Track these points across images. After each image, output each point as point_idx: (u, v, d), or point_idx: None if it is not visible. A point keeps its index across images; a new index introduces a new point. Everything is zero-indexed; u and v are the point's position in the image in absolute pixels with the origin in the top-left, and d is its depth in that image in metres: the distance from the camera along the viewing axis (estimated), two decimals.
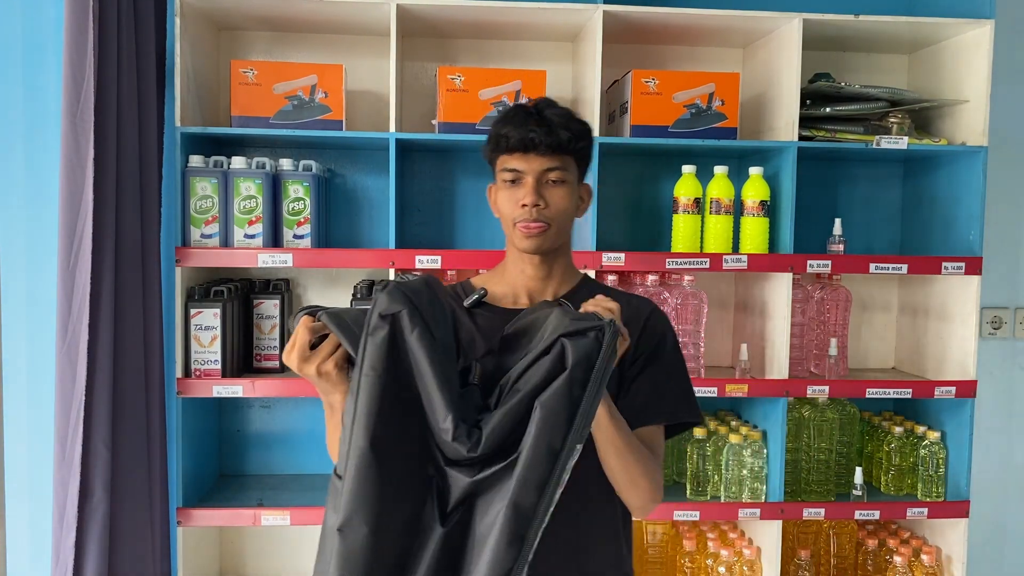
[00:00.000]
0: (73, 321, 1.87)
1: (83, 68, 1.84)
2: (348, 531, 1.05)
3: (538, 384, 1.05)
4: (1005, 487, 2.70)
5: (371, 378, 1.05)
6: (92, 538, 1.88)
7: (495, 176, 1.42)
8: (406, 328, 1.06)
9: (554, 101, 1.40)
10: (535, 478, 1.01)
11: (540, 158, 1.35)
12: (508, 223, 1.39)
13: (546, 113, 1.36)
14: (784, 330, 2.26)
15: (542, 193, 1.35)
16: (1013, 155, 2.61)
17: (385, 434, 1.05)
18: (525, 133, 1.34)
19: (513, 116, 1.36)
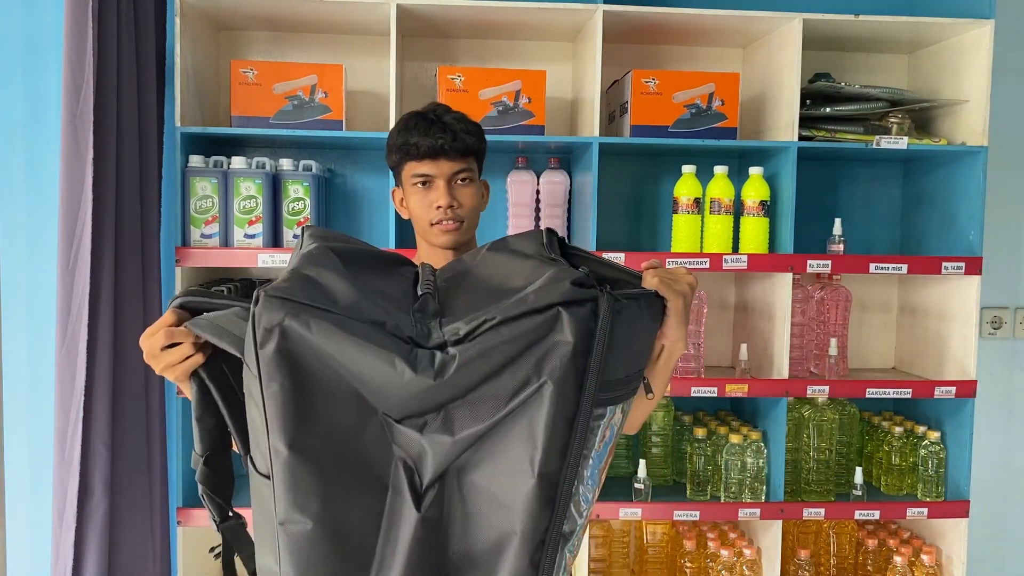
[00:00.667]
0: (73, 321, 1.87)
1: (83, 68, 1.84)
2: (291, 526, 1.01)
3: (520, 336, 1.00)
4: (1005, 487, 2.70)
5: (273, 389, 1.00)
6: (92, 538, 1.88)
7: (399, 181, 1.50)
8: (299, 331, 1.01)
9: (448, 107, 1.49)
10: (558, 445, 1.00)
11: (449, 162, 1.44)
12: (423, 224, 1.47)
13: (446, 119, 1.44)
14: (784, 330, 2.26)
15: (454, 194, 1.45)
16: (1013, 155, 2.61)
17: (307, 434, 1.01)
18: (434, 141, 1.42)
19: (416, 125, 1.43)
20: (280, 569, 1.02)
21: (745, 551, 2.32)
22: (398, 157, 1.46)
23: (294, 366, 1.00)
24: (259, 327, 1.00)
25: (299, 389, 1.00)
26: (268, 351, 1.00)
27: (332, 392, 1.01)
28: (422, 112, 1.47)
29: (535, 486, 0.99)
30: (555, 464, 1.00)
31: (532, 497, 0.99)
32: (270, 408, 1.00)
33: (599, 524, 2.50)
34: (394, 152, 1.46)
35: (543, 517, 1.00)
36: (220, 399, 1.10)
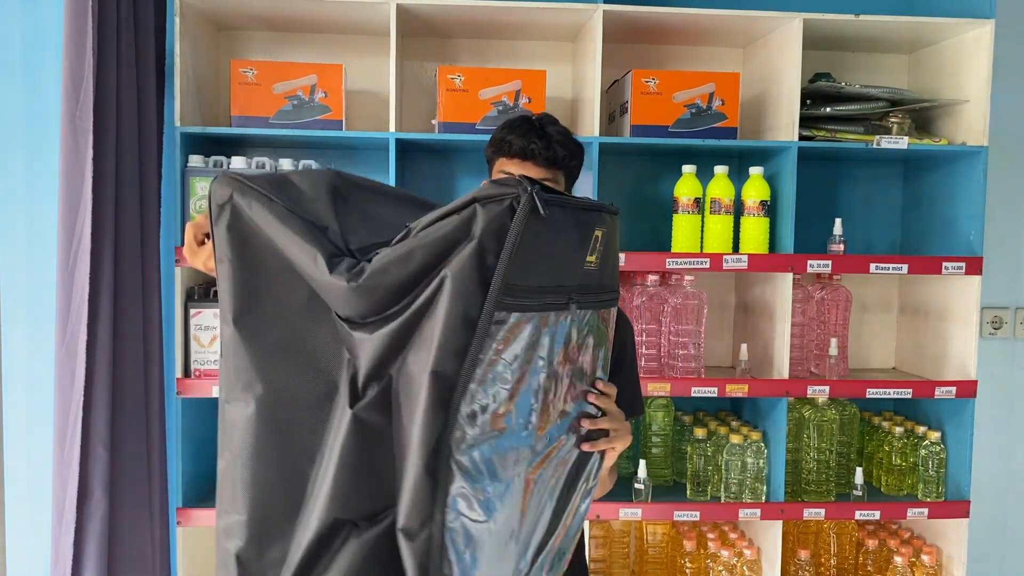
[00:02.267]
0: (72, 321, 1.87)
1: (83, 68, 1.84)
2: (233, 405, 1.03)
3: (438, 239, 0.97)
4: (1005, 487, 2.70)
5: (223, 266, 1.04)
6: (91, 539, 1.88)
7: (490, 175, 1.54)
8: (244, 209, 1.03)
9: (556, 119, 1.53)
10: (453, 346, 0.96)
11: (536, 168, 1.47)
12: None
13: (548, 129, 1.49)
14: (784, 330, 2.26)
15: None
16: (1013, 155, 2.61)
17: (249, 314, 1.03)
18: (527, 143, 1.46)
19: (518, 125, 1.49)
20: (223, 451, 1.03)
21: (745, 551, 2.32)
22: (492, 151, 1.51)
23: (242, 244, 1.02)
24: (213, 203, 1.04)
25: (246, 267, 1.02)
26: (220, 228, 1.03)
27: (281, 279, 1.02)
28: (529, 117, 1.52)
29: (428, 385, 0.96)
30: (451, 365, 0.96)
31: (426, 398, 0.96)
32: (220, 285, 1.02)
33: (599, 524, 2.49)
34: (491, 145, 1.52)
35: (436, 421, 0.96)
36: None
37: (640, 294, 2.33)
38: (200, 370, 2.16)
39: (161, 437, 2.13)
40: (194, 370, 2.16)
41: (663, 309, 2.32)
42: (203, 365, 2.16)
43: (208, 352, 2.16)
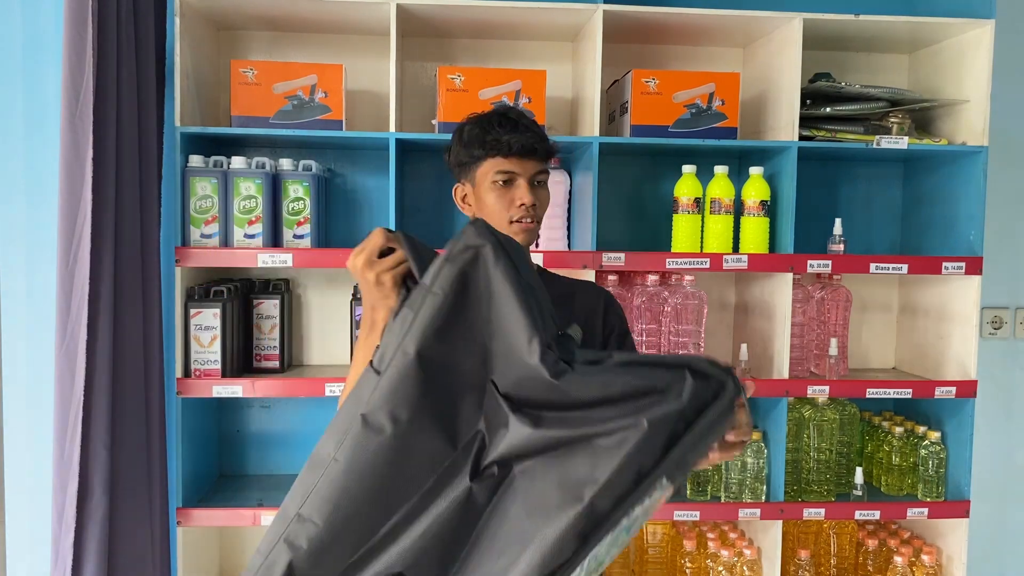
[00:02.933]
0: (72, 321, 1.87)
1: (83, 68, 1.84)
2: (372, 421, 1.03)
3: (644, 386, 1.01)
4: (1005, 487, 2.70)
5: (438, 297, 1.05)
6: (91, 538, 1.88)
7: (467, 177, 1.53)
8: (489, 261, 1.06)
9: (520, 109, 1.54)
10: (618, 489, 0.98)
11: (534, 162, 1.49)
12: (498, 221, 1.49)
13: (525, 121, 1.50)
14: (784, 330, 2.26)
15: (534, 193, 1.49)
16: (1013, 155, 2.61)
17: (436, 353, 1.04)
18: (525, 139, 1.46)
19: (501, 123, 1.47)
20: (334, 455, 1.04)
21: (745, 551, 2.32)
22: (479, 152, 1.48)
23: (463, 288, 1.06)
24: (460, 241, 1.08)
25: (453, 310, 1.06)
26: (455, 265, 1.06)
27: (473, 336, 1.06)
28: (500, 112, 1.50)
29: (578, 515, 0.97)
30: (607, 504, 0.98)
31: (568, 525, 0.97)
32: (424, 310, 1.05)
33: None
34: (474, 147, 1.48)
35: (566, 549, 0.97)
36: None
37: (640, 294, 2.33)
38: (200, 370, 2.16)
39: (161, 437, 2.13)
40: (194, 370, 2.16)
41: (663, 309, 2.32)
42: (203, 365, 2.16)
43: (208, 352, 2.16)
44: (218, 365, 2.17)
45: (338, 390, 2.18)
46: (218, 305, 2.16)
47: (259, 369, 2.33)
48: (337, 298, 2.50)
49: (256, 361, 2.33)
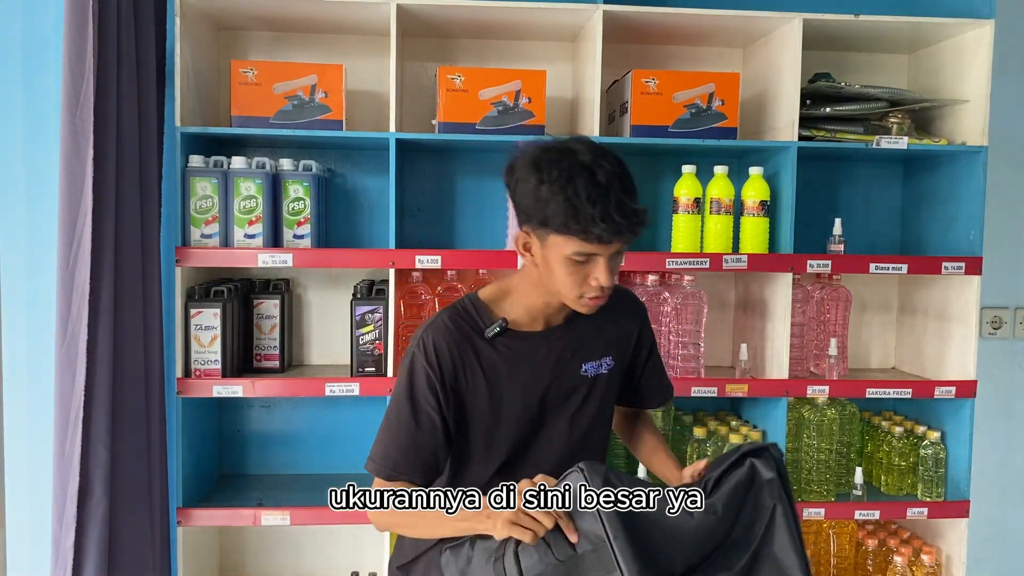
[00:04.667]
0: (73, 321, 1.87)
1: (83, 68, 1.84)
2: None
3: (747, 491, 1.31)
4: (1005, 487, 2.70)
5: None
6: (91, 538, 1.88)
7: (539, 235, 1.38)
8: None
9: (622, 166, 1.35)
10: (801, 561, 1.29)
11: (620, 242, 1.36)
12: (567, 295, 1.42)
13: (627, 200, 1.32)
14: (784, 330, 2.26)
15: (611, 268, 1.39)
16: (1013, 155, 2.61)
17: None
18: (617, 230, 1.31)
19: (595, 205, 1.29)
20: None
21: None
22: (560, 224, 1.31)
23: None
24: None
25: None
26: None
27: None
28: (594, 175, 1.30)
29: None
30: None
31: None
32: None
33: None
34: (558, 213, 1.31)
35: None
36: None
37: (640, 294, 2.33)
38: (200, 370, 2.16)
39: (161, 437, 2.13)
40: (194, 370, 2.17)
41: (663, 309, 2.32)
42: (203, 365, 2.16)
43: (208, 352, 2.16)
44: (218, 365, 2.17)
45: (338, 390, 2.18)
46: (218, 305, 2.16)
47: (259, 369, 2.33)
48: (337, 298, 2.50)
49: (256, 361, 2.33)
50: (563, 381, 1.54)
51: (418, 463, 1.46)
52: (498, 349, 1.49)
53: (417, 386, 1.47)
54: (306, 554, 2.57)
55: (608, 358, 1.59)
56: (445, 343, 1.47)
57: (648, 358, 1.70)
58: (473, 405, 1.50)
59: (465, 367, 1.48)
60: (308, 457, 2.54)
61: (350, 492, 1.52)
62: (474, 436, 1.52)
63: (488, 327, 1.49)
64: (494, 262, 2.25)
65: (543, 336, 1.52)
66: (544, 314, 1.52)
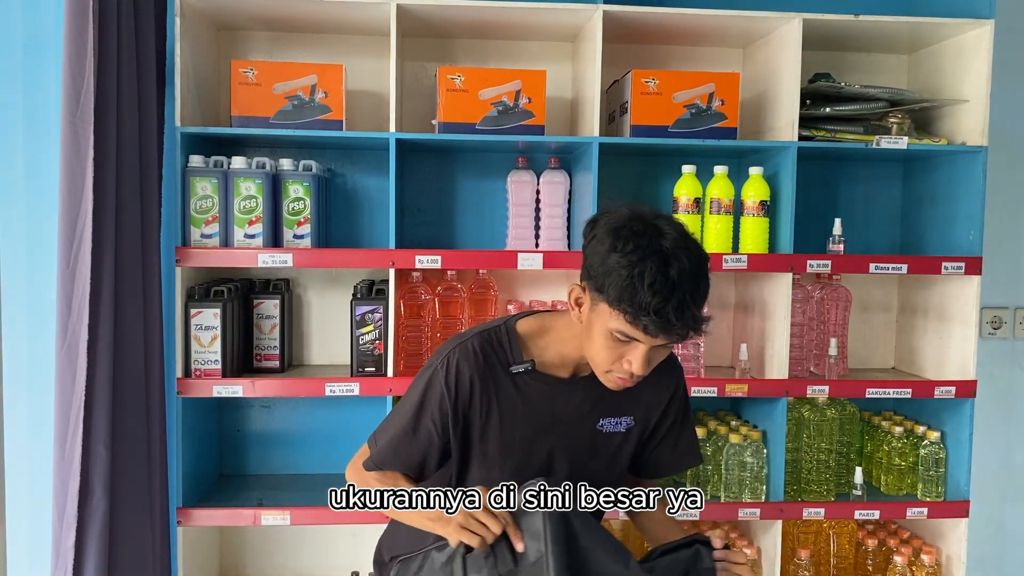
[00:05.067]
0: (73, 321, 1.87)
1: (83, 68, 1.84)
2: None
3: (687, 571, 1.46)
4: (1005, 487, 2.70)
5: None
6: (92, 538, 1.88)
7: (594, 299, 1.36)
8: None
9: (702, 266, 1.34)
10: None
11: (666, 339, 1.33)
12: (598, 364, 1.41)
13: (690, 303, 1.29)
14: (784, 330, 2.26)
15: (649, 358, 1.37)
16: (1013, 155, 2.61)
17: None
18: (667, 329, 1.29)
19: (655, 295, 1.27)
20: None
21: (745, 551, 2.32)
22: (615, 302, 1.30)
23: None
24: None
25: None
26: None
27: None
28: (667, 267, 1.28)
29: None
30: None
31: None
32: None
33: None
34: (614, 294, 1.29)
35: None
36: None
37: None
38: (200, 370, 2.17)
39: (161, 436, 2.13)
40: (194, 370, 2.17)
41: None
42: (203, 365, 2.16)
43: (208, 352, 2.16)
44: (218, 365, 2.17)
45: (338, 390, 2.18)
46: (218, 305, 2.16)
47: (259, 369, 2.33)
48: (337, 298, 2.50)
49: (256, 361, 2.33)
50: (575, 431, 1.53)
51: (400, 464, 1.52)
52: (519, 386, 1.49)
53: (429, 401, 1.48)
54: (306, 554, 2.57)
55: (629, 418, 1.56)
56: (468, 369, 1.46)
57: (669, 429, 1.61)
58: (482, 435, 1.50)
59: (482, 397, 1.48)
60: (308, 457, 2.54)
61: (350, 492, 1.52)
62: (476, 461, 1.52)
63: (516, 363, 1.48)
64: (494, 262, 2.25)
65: (567, 383, 1.52)
66: (576, 363, 1.51)
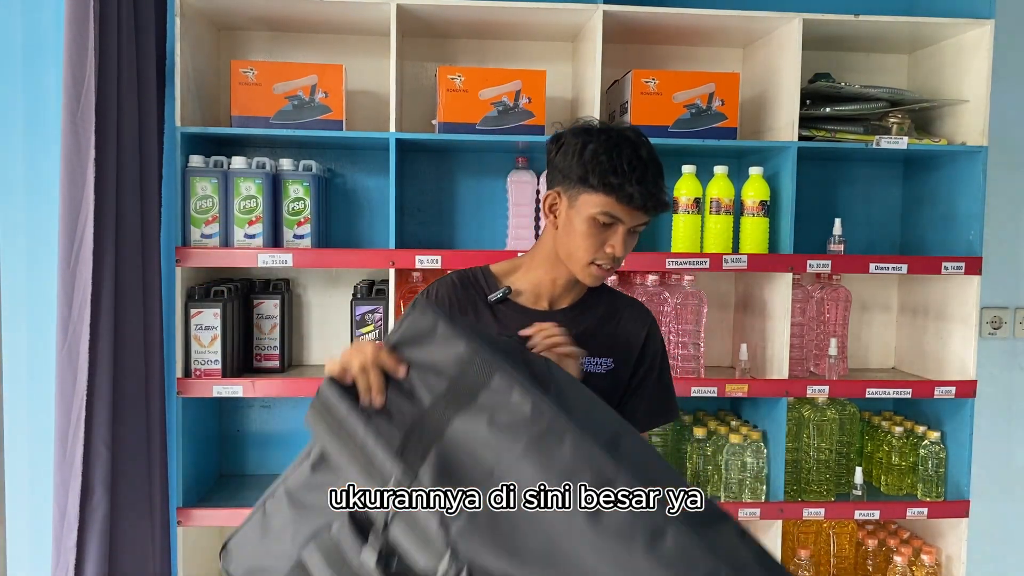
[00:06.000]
0: (73, 321, 1.87)
1: (83, 68, 1.84)
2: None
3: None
4: (1005, 487, 2.70)
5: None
6: (92, 538, 1.88)
7: (569, 193, 1.42)
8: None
9: (651, 146, 1.42)
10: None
11: (644, 215, 1.42)
12: (580, 256, 1.43)
13: (655, 168, 1.40)
14: (784, 330, 2.26)
15: (627, 243, 1.43)
16: (1013, 155, 2.61)
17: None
18: (648, 197, 1.38)
19: (634, 167, 1.37)
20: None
21: None
22: (596, 184, 1.38)
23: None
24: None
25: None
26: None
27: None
28: (635, 148, 1.39)
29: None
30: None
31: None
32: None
33: None
34: (593, 174, 1.37)
35: None
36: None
37: (640, 294, 2.33)
38: (200, 370, 2.17)
39: (162, 436, 2.13)
40: (194, 370, 2.17)
41: (663, 309, 2.32)
42: (203, 365, 2.17)
43: (208, 352, 2.16)
44: (218, 365, 2.17)
45: None
46: (218, 305, 2.16)
47: (259, 369, 2.33)
48: (337, 298, 2.50)
49: (256, 361, 2.33)
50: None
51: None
52: (497, 316, 1.50)
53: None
54: None
55: (608, 360, 1.56)
56: (447, 295, 1.51)
57: (646, 375, 1.57)
58: None
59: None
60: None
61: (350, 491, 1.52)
62: None
63: (492, 292, 1.52)
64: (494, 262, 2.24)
65: (544, 315, 1.52)
66: (550, 293, 1.52)
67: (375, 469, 1.00)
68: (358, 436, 1.01)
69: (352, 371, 1.07)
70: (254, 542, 1.08)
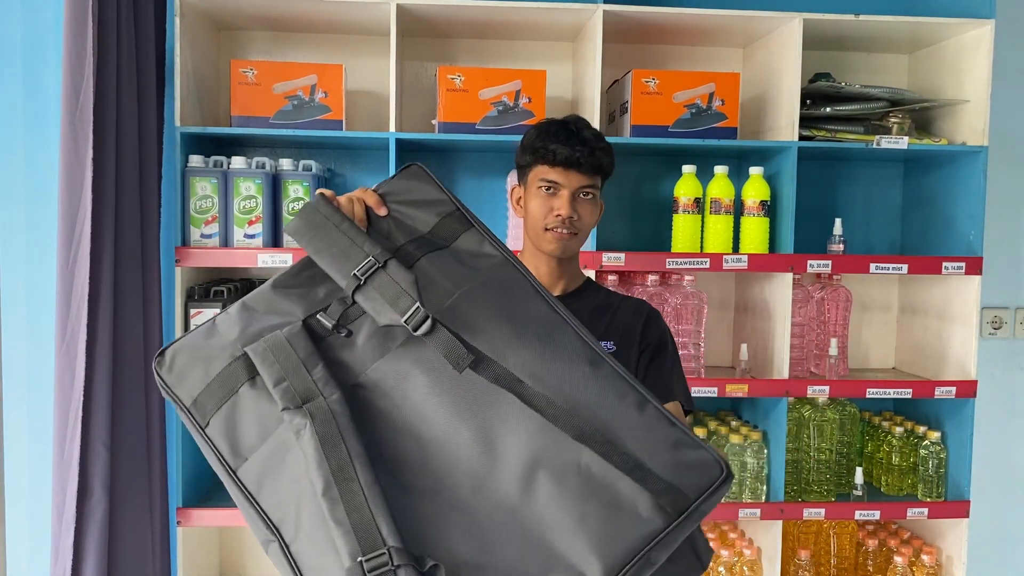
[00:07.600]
0: (72, 321, 1.87)
1: (83, 68, 1.84)
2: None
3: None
4: (1005, 487, 2.70)
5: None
6: (91, 538, 1.88)
7: (523, 179, 1.55)
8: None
9: (588, 122, 1.53)
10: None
11: (580, 175, 1.49)
12: (537, 226, 1.52)
13: (586, 134, 1.49)
14: (784, 330, 2.26)
15: (575, 207, 1.49)
16: (1013, 155, 2.61)
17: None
18: (571, 151, 1.47)
19: (556, 132, 1.49)
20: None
21: (745, 551, 2.32)
22: (531, 158, 1.51)
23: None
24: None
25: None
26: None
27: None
28: (563, 121, 1.52)
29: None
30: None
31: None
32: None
33: None
34: (528, 152, 1.51)
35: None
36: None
37: (640, 294, 2.33)
38: None
39: (161, 436, 2.13)
40: None
41: (663, 309, 2.32)
42: None
43: None
44: None
45: None
46: (218, 305, 2.16)
47: None
48: None
49: None
50: None
51: None
52: None
53: None
54: None
55: (610, 342, 1.55)
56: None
57: (643, 357, 1.54)
58: None
59: None
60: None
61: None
62: None
63: None
64: None
65: None
66: (542, 282, 1.52)
67: (354, 249, 1.05)
68: (342, 225, 1.07)
69: (339, 199, 1.15)
70: (195, 346, 1.07)
